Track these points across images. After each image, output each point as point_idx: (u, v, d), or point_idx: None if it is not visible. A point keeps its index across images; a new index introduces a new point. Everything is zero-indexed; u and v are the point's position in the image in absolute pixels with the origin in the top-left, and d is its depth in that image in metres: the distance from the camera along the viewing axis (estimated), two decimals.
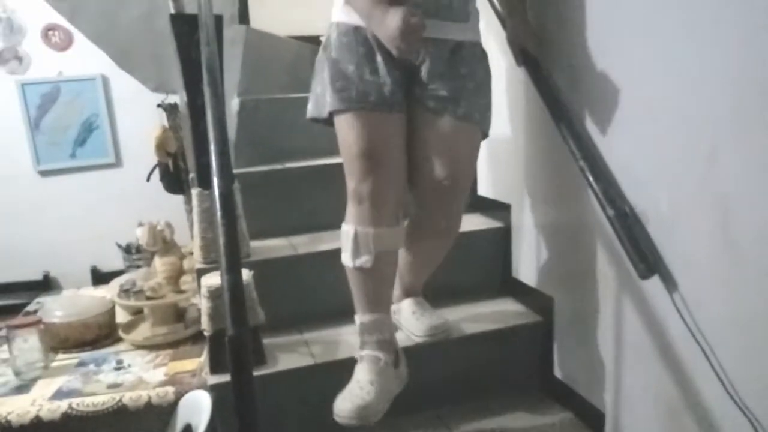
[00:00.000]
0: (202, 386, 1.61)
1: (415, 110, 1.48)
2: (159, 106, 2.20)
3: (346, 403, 1.39)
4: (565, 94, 1.51)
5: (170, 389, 1.66)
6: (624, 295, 1.41)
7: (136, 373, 1.79)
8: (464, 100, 1.45)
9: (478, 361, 1.74)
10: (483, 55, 1.53)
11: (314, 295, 1.84)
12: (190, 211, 2.17)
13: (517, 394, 1.77)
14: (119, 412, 1.62)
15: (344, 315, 1.66)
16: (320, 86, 1.48)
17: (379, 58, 1.41)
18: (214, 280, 1.54)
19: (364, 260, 1.45)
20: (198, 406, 1.55)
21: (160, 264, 2.05)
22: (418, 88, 1.46)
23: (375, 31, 1.36)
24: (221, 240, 1.02)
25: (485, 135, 1.56)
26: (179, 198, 2.42)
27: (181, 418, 1.61)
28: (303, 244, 1.93)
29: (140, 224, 2.05)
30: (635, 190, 1.33)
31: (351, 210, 1.47)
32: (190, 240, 2.23)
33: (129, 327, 2.08)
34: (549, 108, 1.50)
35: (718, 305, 1.14)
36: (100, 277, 2.99)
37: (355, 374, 1.48)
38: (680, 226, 1.21)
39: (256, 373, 1.53)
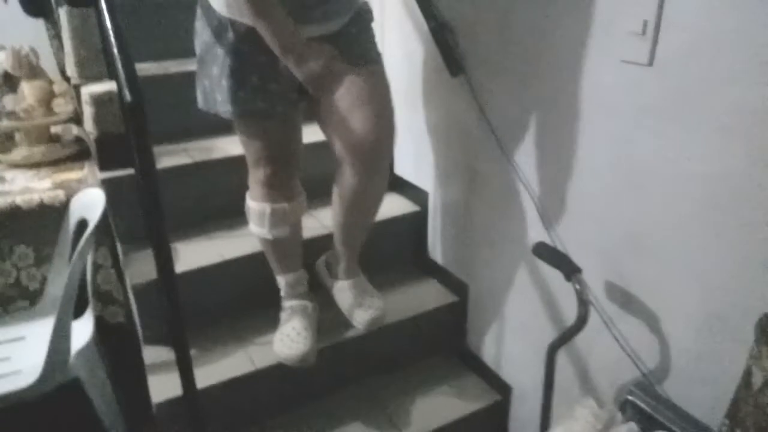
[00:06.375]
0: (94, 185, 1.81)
1: None
2: None
3: (289, 351, 1.59)
4: None
5: (60, 192, 1.85)
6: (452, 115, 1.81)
7: (21, 184, 1.92)
8: (356, 46, 1.43)
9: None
10: (366, 9, 1.49)
11: (191, 111, 2.04)
12: (53, 36, 2.20)
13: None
14: (13, 213, 1.80)
15: (219, 129, 1.92)
16: (208, 81, 1.42)
17: (281, 65, 1.35)
18: (94, 88, 1.71)
19: (281, 230, 1.59)
20: (92, 202, 1.75)
21: (28, 88, 2.11)
22: None
23: (290, 66, 1.31)
24: (109, 32, 1.20)
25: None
26: (40, 27, 2.39)
27: (75, 215, 1.80)
28: (174, 66, 2.09)
29: (1, 47, 2.07)
30: (449, 5, 1.67)
31: (259, 190, 1.55)
32: (55, 65, 2.29)
33: (3, 150, 2.16)
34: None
35: (501, 90, 1.57)
36: None
37: (288, 321, 1.67)
38: (477, 33, 1.59)
39: None
